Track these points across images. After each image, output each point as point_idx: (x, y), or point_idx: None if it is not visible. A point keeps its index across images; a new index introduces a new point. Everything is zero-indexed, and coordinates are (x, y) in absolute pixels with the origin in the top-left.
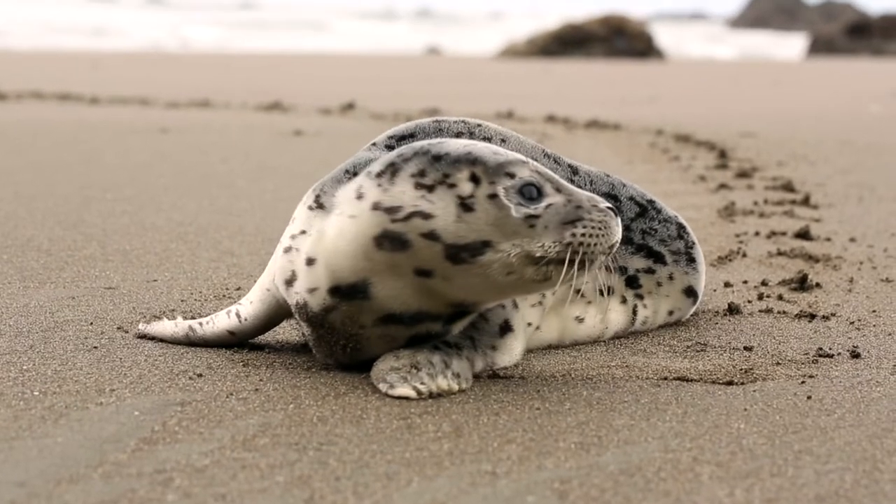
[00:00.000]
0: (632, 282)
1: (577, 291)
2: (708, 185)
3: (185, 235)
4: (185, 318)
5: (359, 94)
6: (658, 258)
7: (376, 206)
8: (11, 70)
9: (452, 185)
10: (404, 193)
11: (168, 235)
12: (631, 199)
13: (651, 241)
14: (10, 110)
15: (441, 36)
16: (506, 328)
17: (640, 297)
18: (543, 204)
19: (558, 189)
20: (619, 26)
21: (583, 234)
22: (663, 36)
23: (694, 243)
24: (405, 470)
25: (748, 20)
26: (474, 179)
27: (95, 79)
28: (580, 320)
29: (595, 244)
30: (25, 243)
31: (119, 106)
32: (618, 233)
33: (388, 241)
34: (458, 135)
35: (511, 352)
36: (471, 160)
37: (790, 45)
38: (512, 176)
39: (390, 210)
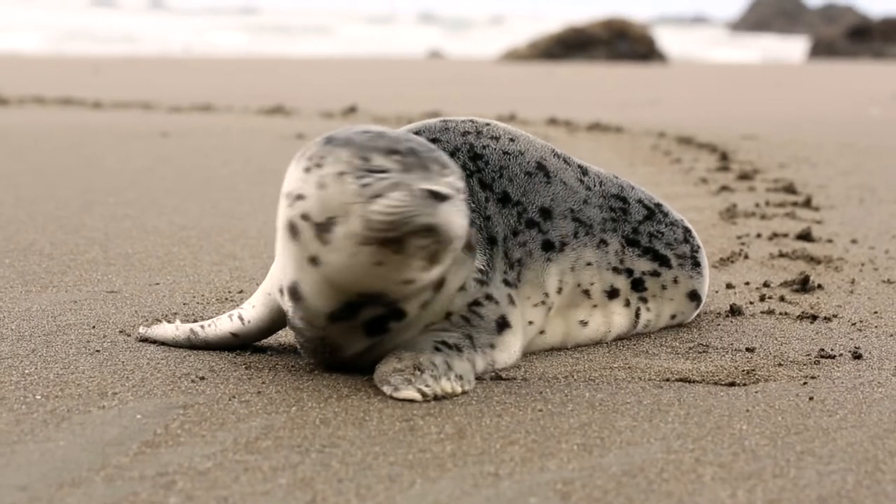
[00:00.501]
0: (637, 284)
1: (585, 293)
2: (709, 188)
3: (188, 239)
4: (184, 322)
5: (361, 98)
6: (664, 261)
7: (283, 195)
8: (13, 75)
9: (319, 166)
10: (295, 178)
11: (170, 239)
12: (639, 201)
13: (658, 245)
14: (11, 115)
15: (443, 39)
16: (503, 324)
17: (644, 300)
18: (377, 178)
19: (407, 170)
20: (621, 29)
21: (379, 209)
22: (665, 39)
23: (699, 247)
24: (408, 472)
25: (749, 23)
26: (340, 161)
27: (97, 83)
28: (584, 324)
29: (387, 218)
30: (27, 247)
31: (121, 110)
32: (450, 218)
33: (291, 230)
34: (465, 134)
35: (510, 349)
36: (341, 143)
37: (791, 49)
38: (366, 160)
39: (288, 195)
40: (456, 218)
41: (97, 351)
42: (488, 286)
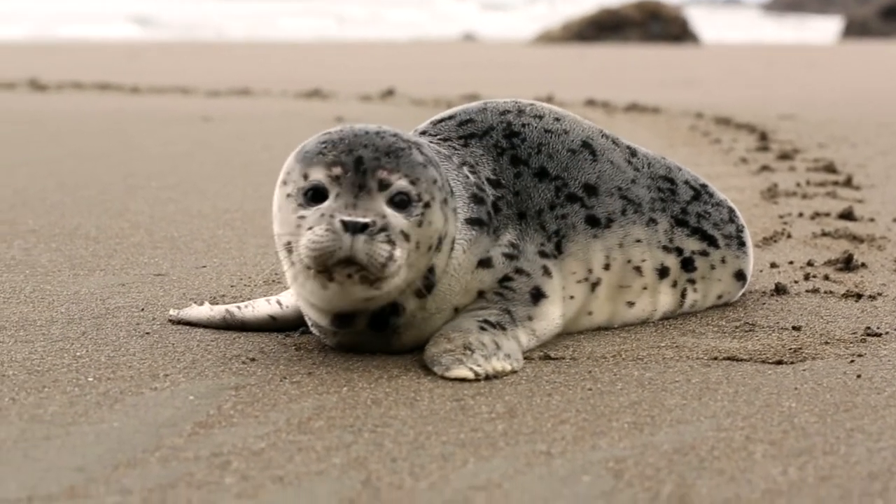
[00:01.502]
0: (687, 264)
1: (637, 270)
2: (750, 168)
3: (232, 222)
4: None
5: (398, 81)
6: (711, 241)
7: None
8: (51, 61)
9: (284, 183)
10: (276, 190)
11: (215, 222)
12: (686, 182)
13: (705, 225)
14: (50, 101)
15: (476, 22)
16: (538, 295)
17: (692, 281)
18: (312, 209)
19: (337, 195)
20: (653, 11)
21: (305, 244)
22: (698, 20)
23: (744, 227)
24: (460, 451)
25: (782, 4)
26: (291, 178)
27: (135, 69)
28: (631, 304)
29: (310, 255)
30: (73, 231)
31: (159, 95)
32: (356, 249)
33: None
34: (504, 113)
35: (548, 317)
36: (299, 155)
37: (824, 29)
38: (306, 177)
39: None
40: (373, 247)
41: (147, 333)
42: (518, 260)
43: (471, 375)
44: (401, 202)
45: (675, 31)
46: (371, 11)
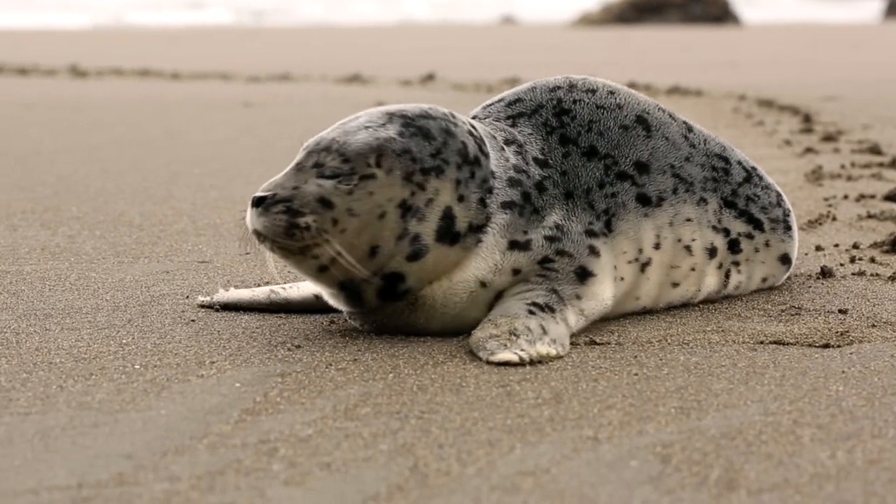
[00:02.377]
0: (733, 245)
1: (687, 249)
2: (794, 150)
3: None
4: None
5: (438, 65)
6: (757, 225)
7: None
8: (91, 47)
9: None
10: None
11: None
12: (739, 163)
13: (753, 208)
14: (91, 87)
15: (514, 3)
16: (584, 274)
17: (737, 263)
18: None
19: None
20: None
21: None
22: (738, 1)
23: (790, 211)
24: (507, 437)
25: None
26: None
27: (174, 54)
28: (676, 285)
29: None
30: (117, 218)
31: (199, 81)
32: (255, 222)
33: None
34: (554, 89)
35: (597, 297)
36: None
37: (866, 8)
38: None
39: None
40: (268, 218)
41: (192, 321)
42: (560, 242)
43: (515, 359)
44: (331, 174)
45: (716, 12)
46: None
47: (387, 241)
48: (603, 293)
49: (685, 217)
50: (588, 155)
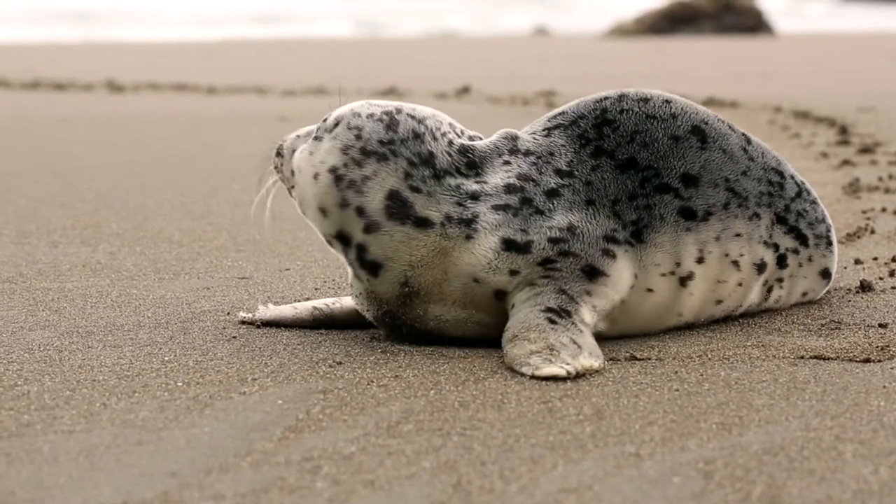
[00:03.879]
0: (781, 260)
1: (735, 264)
2: (830, 162)
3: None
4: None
5: (473, 78)
6: (804, 240)
7: None
8: (126, 61)
9: None
10: None
11: (297, 224)
12: (792, 177)
13: (801, 224)
14: (128, 102)
15: (547, 16)
16: (593, 273)
17: (781, 279)
18: None
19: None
20: (727, 2)
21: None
22: (772, 11)
23: (831, 226)
24: (549, 453)
25: None
26: None
27: (209, 68)
28: (720, 302)
29: None
30: (156, 234)
31: (235, 95)
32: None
33: None
34: (602, 100)
35: (608, 297)
36: None
37: None
38: None
39: None
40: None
41: (234, 337)
42: (566, 243)
43: (563, 373)
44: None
45: (750, 22)
46: (439, 7)
47: (330, 206)
48: (612, 295)
49: (735, 232)
50: (623, 167)
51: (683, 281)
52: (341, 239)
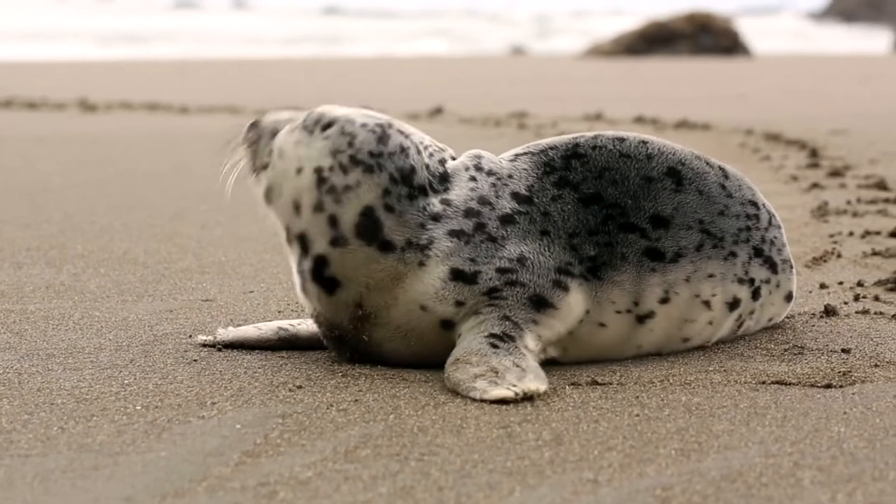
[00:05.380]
0: (755, 294)
1: (706, 304)
2: (800, 185)
3: (280, 246)
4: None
5: (447, 98)
6: (774, 268)
7: None
8: (100, 80)
9: None
10: None
11: (263, 246)
12: (763, 205)
13: (773, 252)
14: (100, 121)
15: (524, 36)
16: (540, 303)
17: (753, 311)
18: None
19: None
20: (703, 23)
21: None
22: (748, 31)
23: (785, 244)
24: (507, 479)
25: (834, 13)
26: None
27: (182, 87)
28: (686, 339)
29: None
30: (122, 256)
31: (208, 115)
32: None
33: None
34: (578, 137)
35: (553, 328)
36: None
37: (876, 39)
38: None
39: None
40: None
41: (194, 360)
42: (515, 273)
43: (511, 395)
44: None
45: (726, 43)
46: (417, 26)
47: (304, 205)
48: (557, 327)
49: (707, 273)
50: (587, 201)
51: (642, 319)
52: (302, 243)
